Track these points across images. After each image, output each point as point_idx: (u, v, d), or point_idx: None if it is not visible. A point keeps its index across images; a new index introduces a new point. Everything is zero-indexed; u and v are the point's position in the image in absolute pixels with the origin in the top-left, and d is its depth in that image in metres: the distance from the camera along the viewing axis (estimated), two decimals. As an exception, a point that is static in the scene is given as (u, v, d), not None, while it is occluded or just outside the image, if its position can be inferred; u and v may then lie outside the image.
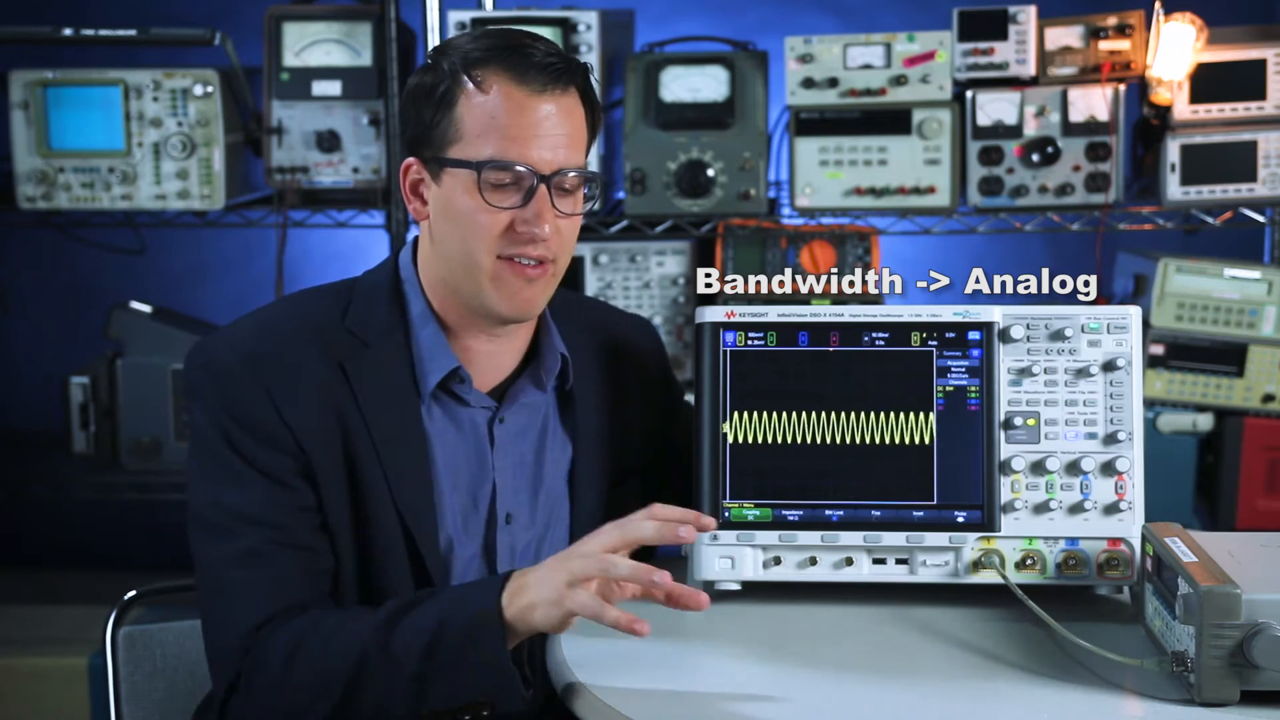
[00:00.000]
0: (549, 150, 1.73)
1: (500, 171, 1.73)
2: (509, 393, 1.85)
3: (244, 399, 1.73)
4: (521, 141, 1.73)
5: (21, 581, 3.56)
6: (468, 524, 1.81)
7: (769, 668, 1.65)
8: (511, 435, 1.85)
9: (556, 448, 1.88)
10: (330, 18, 3.20)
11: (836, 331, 1.83)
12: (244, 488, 1.71)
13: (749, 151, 3.11)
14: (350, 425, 1.75)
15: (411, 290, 1.83)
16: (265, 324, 1.81)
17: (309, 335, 1.77)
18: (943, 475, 1.80)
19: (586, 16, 3.14)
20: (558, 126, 1.74)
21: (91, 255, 3.56)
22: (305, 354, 1.76)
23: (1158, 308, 3.07)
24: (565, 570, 1.57)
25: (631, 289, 3.23)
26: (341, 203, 3.26)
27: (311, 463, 1.73)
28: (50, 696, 3.12)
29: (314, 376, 1.75)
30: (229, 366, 1.74)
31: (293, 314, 1.82)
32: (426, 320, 1.81)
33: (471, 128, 1.74)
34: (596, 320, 2.00)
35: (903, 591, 1.83)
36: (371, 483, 1.75)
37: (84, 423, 3.30)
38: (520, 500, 1.84)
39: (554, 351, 1.87)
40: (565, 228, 1.77)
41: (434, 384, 1.79)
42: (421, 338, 1.81)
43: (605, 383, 1.93)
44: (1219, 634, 1.49)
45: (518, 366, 1.87)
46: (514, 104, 1.73)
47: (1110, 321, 1.83)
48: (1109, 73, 3.01)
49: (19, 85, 3.17)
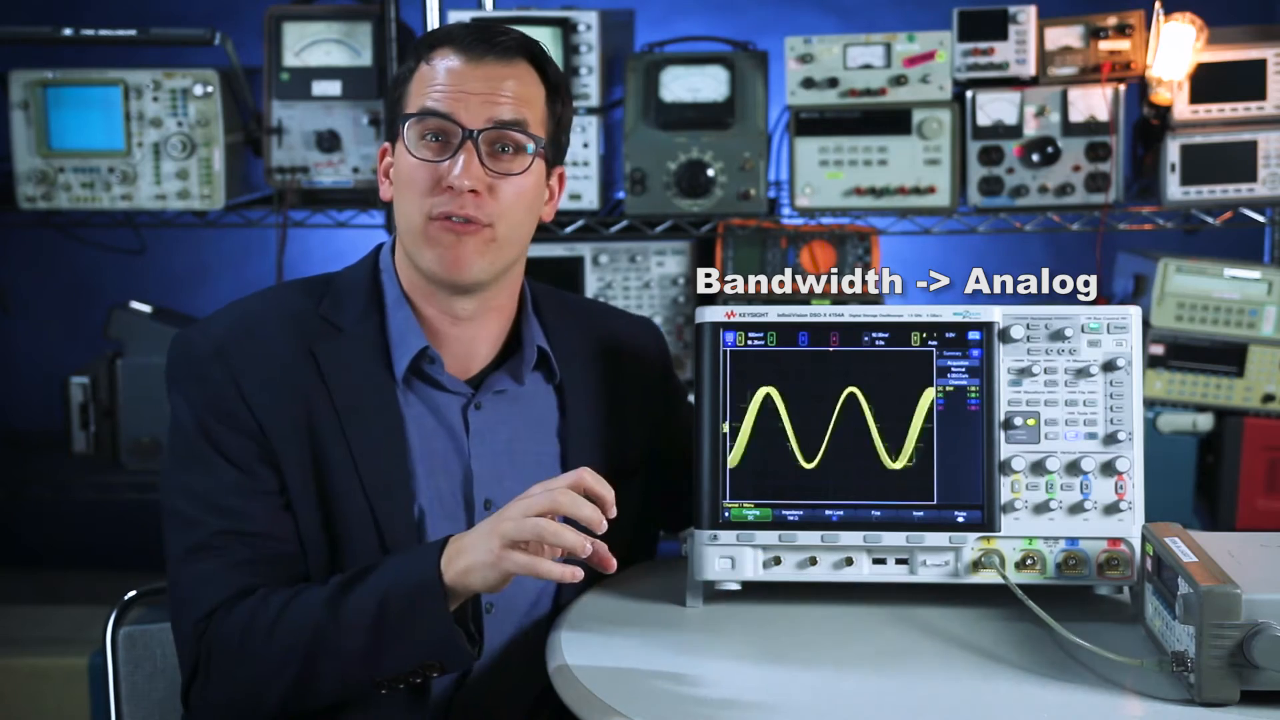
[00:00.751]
0: (479, 106, 1.77)
1: (426, 120, 1.77)
2: (485, 381, 1.87)
3: (212, 385, 1.77)
4: (451, 97, 1.77)
5: (21, 581, 3.56)
6: (445, 508, 1.83)
7: (769, 667, 1.65)
8: (489, 422, 1.86)
9: (543, 439, 1.89)
10: (330, 18, 3.20)
11: (836, 331, 1.83)
12: (209, 473, 1.75)
13: (749, 151, 3.11)
14: (318, 409, 1.77)
15: (388, 279, 1.87)
16: (240, 314, 1.85)
17: (282, 323, 1.81)
18: (943, 475, 1.80)
19: (586, 16, 3.14)
20: (493, 86, 1.78)
21: (91, 255, 3.56)
22: (275, 341, 1.79)
23: (1158, 308, 3.07)
24: (498, 535, 1.60)
25: (631, 289, 3.23)
26: (341, 203, 3.26)
27: (275, 447, 1.76)
28: (50, 696, 3.12)
29: (280, 361, 1.78)
30: (201, 354, 1.79)
31: (268, 305, 1.87)
32: (400, 305, 1.85)
33: (415, 93, 1.80)
34: (597, 322, 2.01)
35: (903, 591, 1.83)
36: (338, 464, 1.77)
37: (84, 423, 3.30)
38: (504, 488, 1.85)
39: (531, 344, 1.89)
40: (503, 190, 1.79)
41: (405, 365, 1.81)
42: (394, 322, 1.84)
43: (603, 383, 1.94)
44: (1219, 634, 1.49)
45: (497, 357, 1.89)
46: (450, 67, 1.79)
47: (1110, 321, 1.83)
48: (1109, 73, 3.01)
49: (19, 85, 3.17)
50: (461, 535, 1.65)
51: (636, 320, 2.10)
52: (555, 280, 2.39)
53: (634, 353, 2.01)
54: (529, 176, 1.81)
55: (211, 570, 1.72)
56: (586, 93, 3.15)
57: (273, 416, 1.76)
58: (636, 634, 1.74)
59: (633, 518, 1.94)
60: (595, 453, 1.90)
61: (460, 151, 1.76)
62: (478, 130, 1.77)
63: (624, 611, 1.81)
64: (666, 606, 1.82)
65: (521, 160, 1.80)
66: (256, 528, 1.74)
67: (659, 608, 1.82)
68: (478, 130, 1.77)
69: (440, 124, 1.77)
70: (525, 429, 1.89)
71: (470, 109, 1.77)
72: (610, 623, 1.78)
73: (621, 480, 1.92)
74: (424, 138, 1.78)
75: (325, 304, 1.85)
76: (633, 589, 1.88)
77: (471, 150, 1.76)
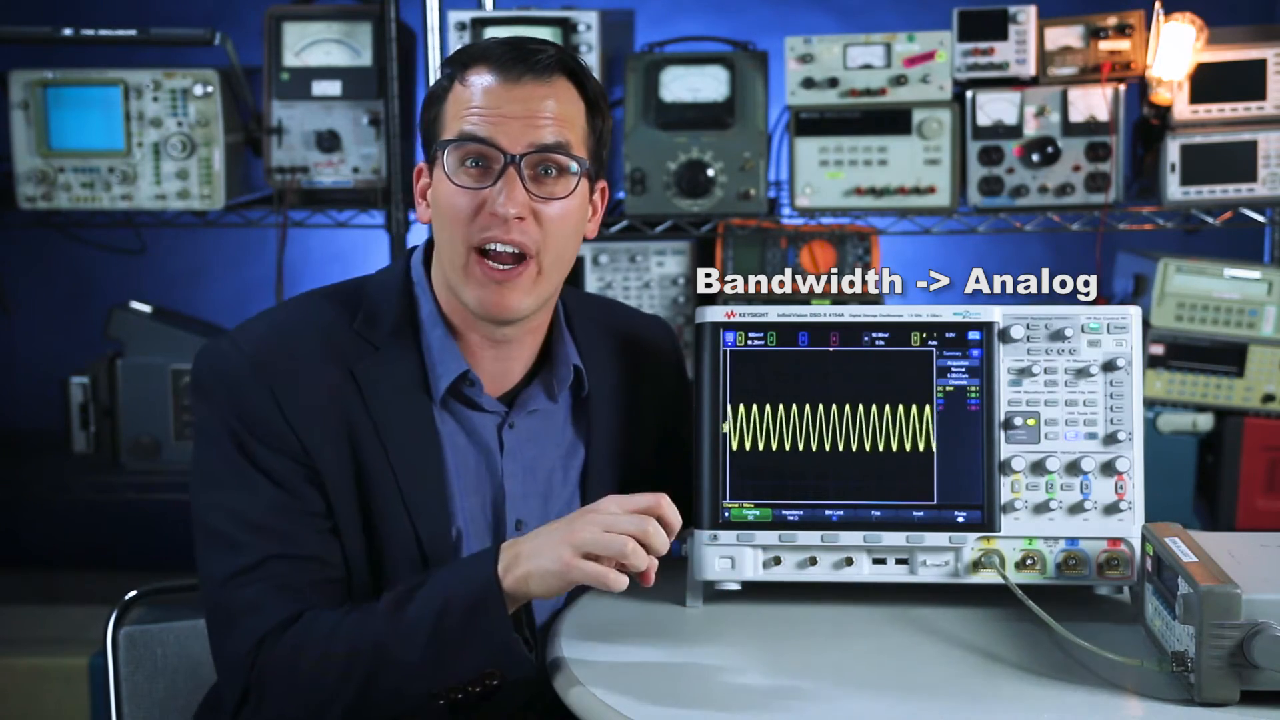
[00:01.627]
0: (520, 130, 1.72)
1: (465, 145, 1.72)
2: (519, 399, 1.84)
3: (251, 402, 1.71)
4: (490, 121, 1.72)
5: (21, 581, 3.56)
6: (475, 527, 1.81)
7: (769, 667, 1.65)
8: (521, 441, 1.84)
9: (569, 452, 1.88)
10: (330, 18, 3.21)
11: (836, 331, 1.83)
12: (250, 492, 1.70)
13: (749, 151, 3.11)
14: (359, 430, 1.74)
15: (422, 292, 1.83)
16: (274, 327, 1.79)
17: (317, 339, 1.76)
18: (943, 475, 1.80)
19: (586, 16, 3.14)
20: (534, 108, 1.72)
21: (91, 255, 3.56)
22: (313, 358, 1.74)
23: (1158, 308, 3.07)
24: (571, 545, 1.58)
25: (631, 289, 3.23)
26: (341, 203, 3.26)
27: (319, 468, 1.72)
28: (50, 696, 3.12)
29: (321, 380, 1.73)
30: (236, 369, 1.73)
31: (301, 317, 1.81)
32: (435, 323, 1.80)
33: (450, 115, 1.75)
34: (613, 321, 1.99)
35: (903, 591, 1.83)
36: (381, 486, 1.74)
37: (84, 423, 3.30)
38: (530, 506, 1.84)
39: (567, 363, 1.86)
40: (547, 214, 1.74)
41: (445, 387, 1.78)
42: (431, 340, 1.80)
43: (620, 384, 1.92)
44: (1219, 634, 1.49)
45: (529, 372, 1.86)
46: (488, 90, 1.73)
47: (1110, 321, 1.83)
48: (1109, 73, 3.01)
49: (19, 85, 3.17)
50: (517, 541, 1.63)
51: (652, 320, 2.08)
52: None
53: (650, 353, 1.99)
54: (574, 198, 1.76)
55: (259, 595, 1.67)
56: (586, 93, 3.14)
57: (316, 438, 1.71)
58: (636, 634, 1.74)
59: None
60: (614, 455, 1.89)
61: (502, 178, 1.71)
62: (520, 155, 1.71)
63: (624, 611, 1.81)
64: (666, 606, 1.82)
65: (566, 183, 1.75)
66: (305, 551, 1.70)
67: (659, 608, 1.82)
68: (520, 155, 1.71)
69: (480, 149, 1.72)
70: (552, 445, 1.87)
71: (511, 133, 1.71)
72: (610, 623, 1.78)
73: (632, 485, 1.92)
74: (464, 163, 1.73)
75: (360, 320, 1.79)
76: (633, 589, 1.87)
77: (514, 176, 1.71)
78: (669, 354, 2.04)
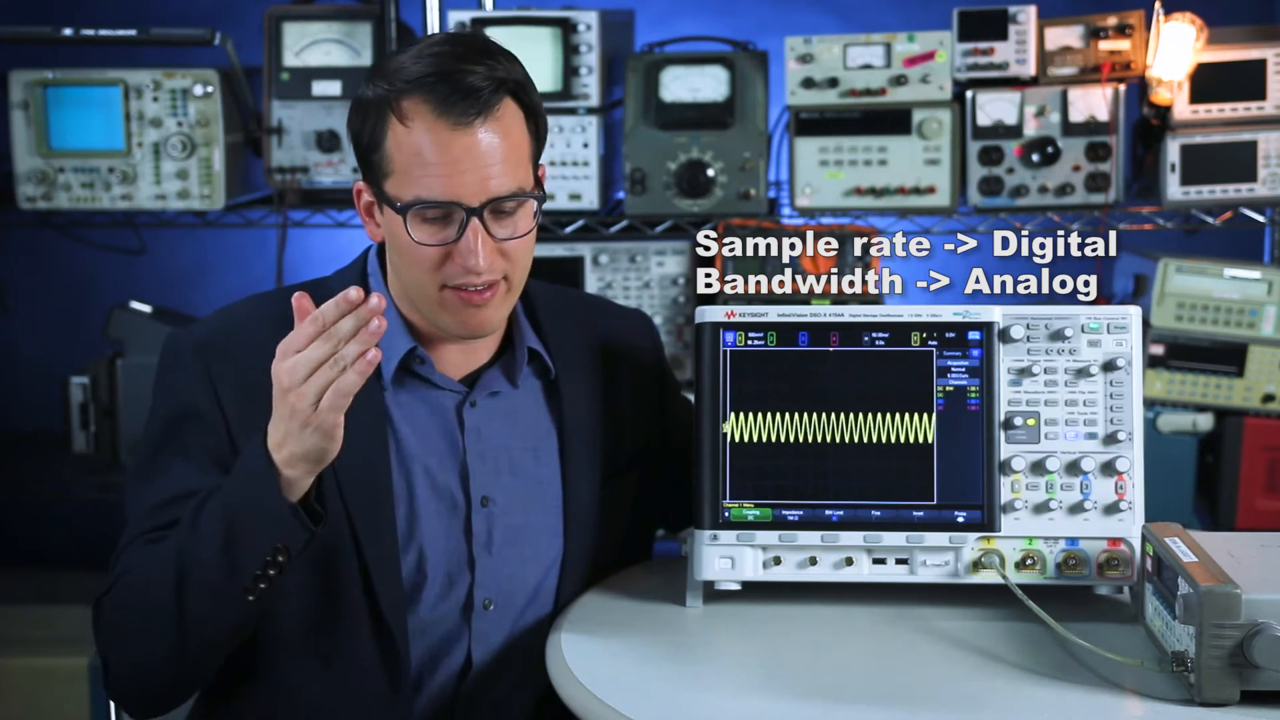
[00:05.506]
0: (476, 182, 1.71)
1: (426, 209, 1.72)
2: (480, 380, 1.87)
3: (188, 383, 1.78)
4: (446, 178, 1.71)
5: (21, 581, 3.56)
6: (441, 502, 1.82)
7: (769, 667, 1.65)
8: (483, 419, 1.86)
9: (541, 435, 1.89)
10: (330, 18, 3.20)
11: (836, 331, 1.83)
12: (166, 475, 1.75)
13: (749, 151, 3.11)
14: None
15: (375, 284, 1.87)
16: (228, 315, 1.88)
17: (267, 325, 1.78)
18: (943, 475, 1.80)
19: (586, 16, 3.14)
20: (485, 156, 1.71)
21: (91, 255, 3.56)
22: (257, 343, 1.76)
23: (1158, 308, 3.07)
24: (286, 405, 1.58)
25: (631, 289, 3.23)
26: (341, 203, 3.26)
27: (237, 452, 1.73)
28: (50, 696, 3.12)
29: (261, 363, 1.71)
30: (181, 352, 1.80)
31: (255, 308, 1.88)
32: (387, 310, 1.82)
33: (399, 164, 1.73)
34: (590, 316, 2.01)
35: (903, 591, 1.83)
36: None
37: (84, 423, 3.30)
38: (500, 484, 1.85)
39: (522, 346, 1.89)
40: (512, 249, 1.76)
41: (393, 366, 1.82)
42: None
43: (596, 377, 1.94)
44: (1219, 634, 1.49)
45: (493, 355, 1.89)
46: (437, 140, 1.70)
47: (1110, 321, 1.83)
48: (1109, 73, 3.01)
49: (19, 85, 3.17)
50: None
51: (630, 313, 2.10)
52: (555, 280, 2.39)
53: (627, 346, 2.01)
54: (530, 222, 1.78)
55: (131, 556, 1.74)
56: (586, 93, 3.15)
57: (246, 423, 1.73)
58: (636, 634, 1.74)
59: (629, 511, 1.95)
60: (591, 447, 1.90)
61: (466, 232, 1.72)
62: (481, 206, 1.72)
63: (624, 611, 1.81)
64: (666, 606, 1.82)
65: (525, 215, 1.76)
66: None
67: (659, 608, 1.82)
68: (481, 206, 1.72)
69: (442, 208, 1.72)
70: (521, 427, 1.89)
71: (469, 186, 1.71)
72: (610, 623, 1.78)
73: (617, 475, 1.93)
74: (425, 219, 1.73)
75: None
76: (633, 589, 1.88)
77: (478, 226, 1.72)
78: (645, 346, 2.06)
